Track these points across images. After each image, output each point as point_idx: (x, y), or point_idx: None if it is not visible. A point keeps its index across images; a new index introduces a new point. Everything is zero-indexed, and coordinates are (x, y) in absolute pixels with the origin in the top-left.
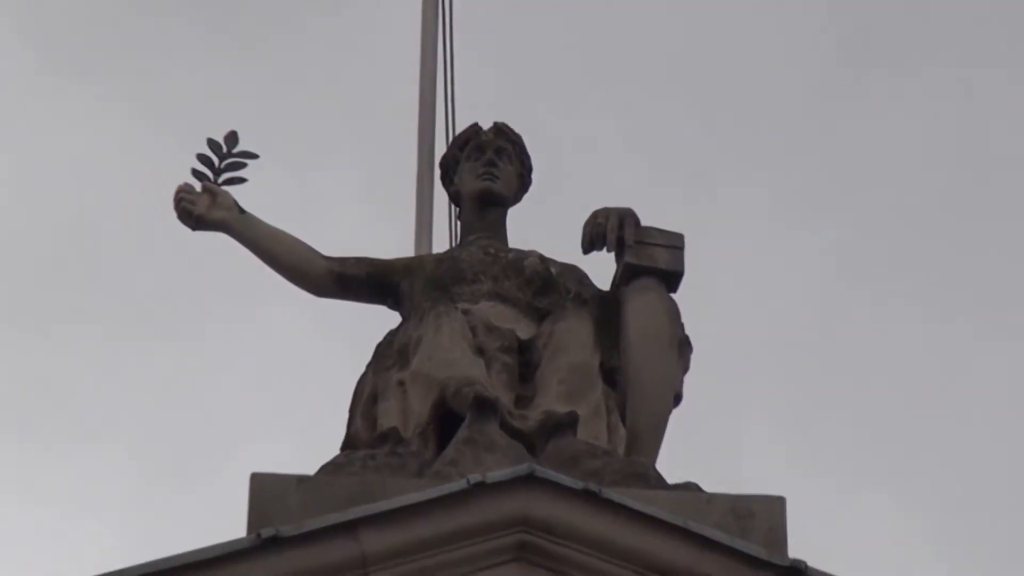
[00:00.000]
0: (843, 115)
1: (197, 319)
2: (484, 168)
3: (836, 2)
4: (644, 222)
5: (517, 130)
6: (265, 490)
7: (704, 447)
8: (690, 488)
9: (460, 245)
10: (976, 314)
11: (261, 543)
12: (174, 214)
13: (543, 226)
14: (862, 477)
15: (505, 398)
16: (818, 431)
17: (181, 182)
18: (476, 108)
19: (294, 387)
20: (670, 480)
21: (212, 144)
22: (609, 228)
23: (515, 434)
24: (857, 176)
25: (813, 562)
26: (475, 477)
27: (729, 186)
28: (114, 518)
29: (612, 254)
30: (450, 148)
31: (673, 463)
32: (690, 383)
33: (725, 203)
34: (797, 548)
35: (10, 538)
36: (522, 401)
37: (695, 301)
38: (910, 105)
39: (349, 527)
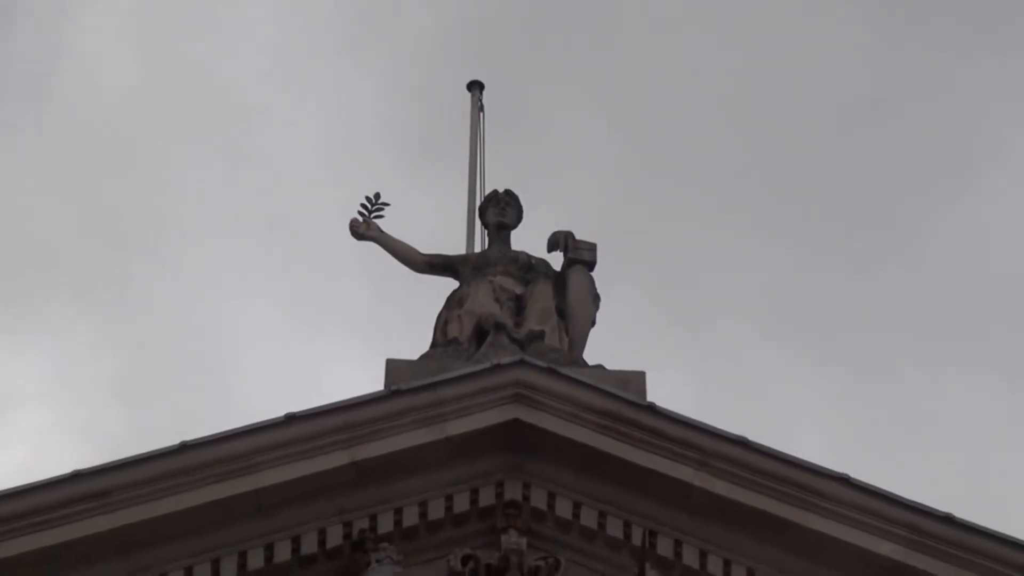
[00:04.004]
0: (794, 179)
1: None
2: (499, 211)
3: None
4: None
5: (516, 191)
6: (393, 367)
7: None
8: (599, 367)
9: (488, 249)
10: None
11: (391, 393)
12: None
13: (530, 239)
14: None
15: (510, 323)
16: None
17: (352, 217)
18: (496, 182)
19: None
20: (592, 362)
21: (367, 198)
22: (560, 239)
23: (514, 341)
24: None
25: (664, 404)
26: (495, 361)
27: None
28: None
29: (562, 253)
30: (483, 201)
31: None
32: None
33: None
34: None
35: None
36: (517, 324)
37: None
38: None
39: (433, 385)
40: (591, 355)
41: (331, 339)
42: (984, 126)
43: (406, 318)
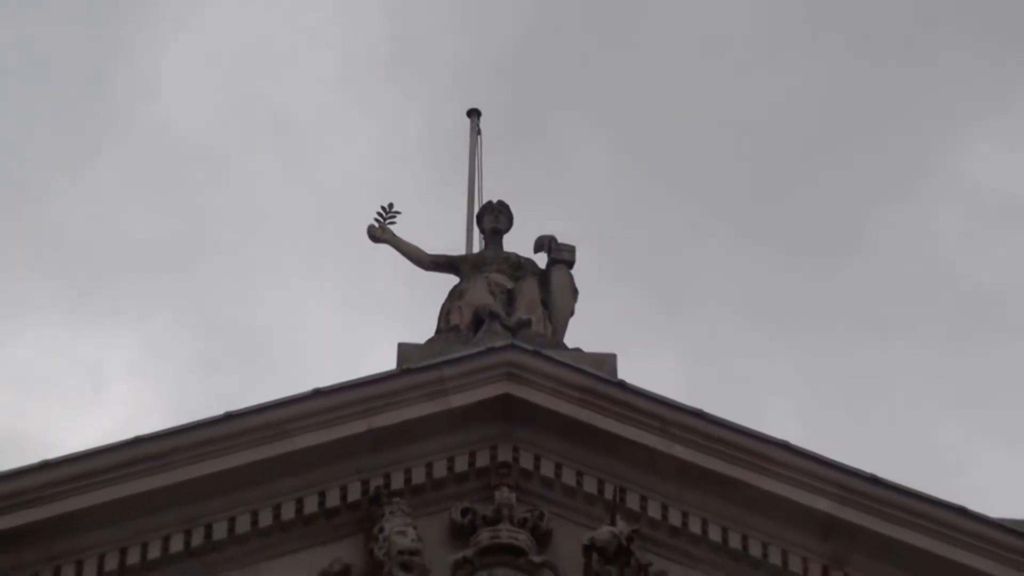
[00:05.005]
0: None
1: None
2: (493, 218)
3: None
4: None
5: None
6: (404, 349)
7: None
8: (577, 350)
9: (484, 250)
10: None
11: (402, 371)
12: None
13: (519, 241)
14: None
15: (502, 313)
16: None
17: (369, 223)
18: (490, 195)
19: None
20: (572, 346)
21: (382, 207)
22: (545, 242)
23: (506, 328)
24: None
25: (633, 380)
26: (490, 345)
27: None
28: None
29: (546, 254)
30: (480, 210)
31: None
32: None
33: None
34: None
35: None
36: (509, 314)
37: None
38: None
39: (437, 365)
40: (571, 340)
41: (372, 325)
42: (920, 143)
43: (415, 308)
